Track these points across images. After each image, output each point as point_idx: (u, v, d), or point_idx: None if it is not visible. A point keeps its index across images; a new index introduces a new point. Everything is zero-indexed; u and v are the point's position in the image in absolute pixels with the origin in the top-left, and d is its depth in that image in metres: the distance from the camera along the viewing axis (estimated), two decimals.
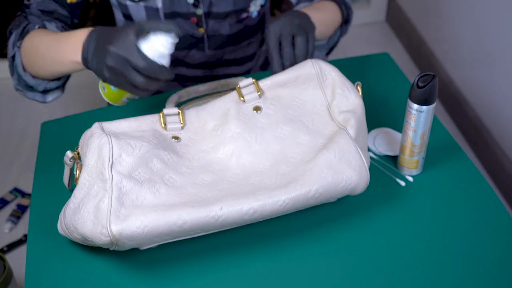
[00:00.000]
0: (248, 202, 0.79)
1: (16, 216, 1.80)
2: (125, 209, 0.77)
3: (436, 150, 0.99)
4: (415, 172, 0.95)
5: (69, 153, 0.83)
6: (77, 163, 0.83)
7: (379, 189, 0.93)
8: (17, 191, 1.88)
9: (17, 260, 1.69)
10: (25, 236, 1.74)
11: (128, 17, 1.13)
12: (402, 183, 0.93)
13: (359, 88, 0.91)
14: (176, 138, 0.87)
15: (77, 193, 0.80)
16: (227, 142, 0.87)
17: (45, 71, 0.96)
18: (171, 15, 1.11)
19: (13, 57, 1.01)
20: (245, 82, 0.91)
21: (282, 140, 0.87)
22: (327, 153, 0.83)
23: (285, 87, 0.91)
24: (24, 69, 1.00)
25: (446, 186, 0.93)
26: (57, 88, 1.04)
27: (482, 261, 0.83)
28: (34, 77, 1.00)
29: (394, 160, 0.98)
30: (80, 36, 0.88)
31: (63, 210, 0.82)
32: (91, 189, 0.79)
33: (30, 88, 1.02)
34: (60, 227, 0.82)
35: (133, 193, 0.79)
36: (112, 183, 0.79)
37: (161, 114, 0.89)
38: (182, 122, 0.89)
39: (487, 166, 1.89)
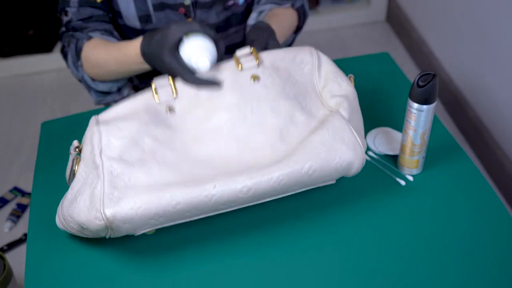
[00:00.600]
0: (242, 179, 0.79)
1: (16, 215, 1.80)
2: (118, 191, 0.77)
3: (436, 149, 0.99)
4: (415, 171, 0.94)
5: (75, 143, 0.84)
6: (77, 158, 0.83)
7: (379, 189, 0.93)
8: (17, 190, 1.88)
9: (17, 259, 1.69)
10: (25, 235, 1.74)
11: (117, 13, 1.14)
12: (402, 183, 0.93)
13: (351, 79, 0.92)
14: (170, 109, 0.87)
15: (74, 184, 0.81)
16: (222, 111, 0.86)
17: (116, 77, 1.08)
18: (159, 6, 1.11)
19: (83, 77, 1.11)
20: (242, 51, 0.90)
21: (278, 115, 0.86)
22: (320, 131, 0.83)
23: (283, 61, 0.91)
24: (93, 80, 1.11)
25: (446, 186, 0.93)
26: (127, 81, 1.15)
27: (482, 261, 0.83)
28: (103, 82, 1.11)
29: (394, 159, 0.98)
30: (134, 46, 0.99)
31: (61, 202, 0.82)
32: (87, 179, 0.80)
33: (107, 93, 1.15)
34: (58, 220, 0.83)
35: (125, 175, 0.79)
36: (103, 169, 0.79)
37: (152, 86, 0.88)
38: (174, 92, 0.88)
39: (487, 166, 1.89)
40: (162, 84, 0.88)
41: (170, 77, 0.89)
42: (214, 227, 0.88)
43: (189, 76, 0.88)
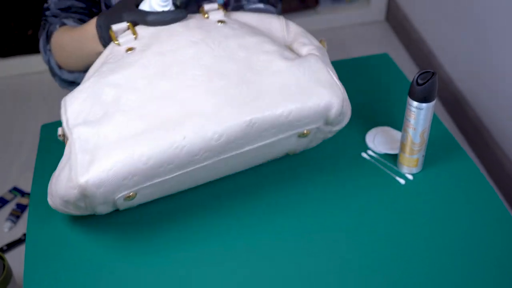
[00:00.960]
0: (212, 126, 0.76)
1: (16, 215, 1.80)
2: (89, 154, 0.75)
3: (436, 148, 0.99)
4: (415, 170, 0.94)
5: (59, 130, 0.82)
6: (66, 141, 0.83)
7: (379, 188, 0.93)
8: (16, 190, 1.88)
9: (16, 260, 1.69)
10: (25, 235, 1.74)
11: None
12: (402, 181, 0.93)
13: (323, 42, 0.91)
14: (130, 49, 0.84)
15: (60, 162, 0.80)
16: (188, 46, 0.83)
17: (75, 62, 1.02)
18: None
19: (49, 61, 1.08)
20: (209, 6, 0.89)
21: (247, 49, 0.84)
22: (296, 70, 0.81)
23: (251, 21, 0.91)
24: (60, 67, 1.07)
25: (446, 185, 0.93)
26: None
27: (482, 261, 0.83)
28: (70, 72, 1.07)
29: (394, 158, 0.97)
30: (93, 20, 0.95)
31: (50, 181, 0.82)
32: (68, 154, 0.79)
33: (72, 83, 1.10)
34: (49, 198, 0.81)
35: (93, 136, 0.77)
36: (72, 138, 0.77)
37: (110, 32, 0.86)
38: (134, 33, 0.86)
39: (487, 166, 1.89)
40: (119, 28, 0.86)
41: (128, 22, 0.86)
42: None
43: (151, 16, 0.85)
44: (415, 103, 0.86)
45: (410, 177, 0.94)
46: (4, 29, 2.28)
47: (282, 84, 0.80)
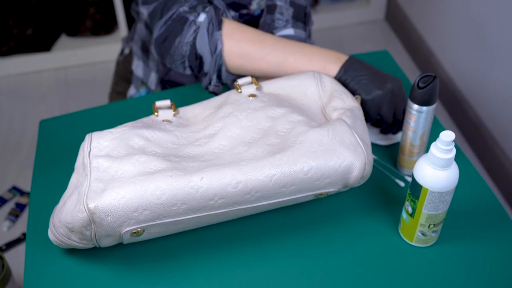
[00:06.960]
0: (231, 172, 0.76)
1: (15, 214, 1.80)
2: (103, 183, 0.76)
3: None
4: None
5: None
6: None
7: (378, 189, 0.93)
8: (15, 190, 1.88)
9: (15, 259, 1.69)
10: (24, 234, 1.74)
11: None
12: (401, 184, 0.93)
13: (358, 100, 0.91)
14: (166, 120, 0.87)
15: (65, 193, 0.81)
16: (217, 121, 0.86)
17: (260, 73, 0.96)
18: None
19: (216, 49, 0.96)
20: (243, 80, 0.92)
21: (273, 119, 0.85)
22: (320, 130, 0.81)
23: (283, 89, 0.92)
24: (227, 69, 0.98)
25: None
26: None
27: (480, 261, 0.83)
28: (231, 74, 0.99)
29: (393, 160, 0.98)
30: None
31: (52, 214, 0.81)
32: (77, 183, 0.79)
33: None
34: (50, 232, 0.81)
35: (111, 168, 0.78)
36: (90, 166, 0.78)
37: (153, 105, 0.89)
38: (174, 111, 0.89)
39: (486, 166, 1.90)
40: (162, 105, 0.90)
41: (171, 102, 0.89)
42: (209, 237, 0.87)
43: None
44: (415, 106, 0.86)
45: (409, 179, 0.94)
46: (2, 28, 2.28)
47: (305, 142, 0.80)
